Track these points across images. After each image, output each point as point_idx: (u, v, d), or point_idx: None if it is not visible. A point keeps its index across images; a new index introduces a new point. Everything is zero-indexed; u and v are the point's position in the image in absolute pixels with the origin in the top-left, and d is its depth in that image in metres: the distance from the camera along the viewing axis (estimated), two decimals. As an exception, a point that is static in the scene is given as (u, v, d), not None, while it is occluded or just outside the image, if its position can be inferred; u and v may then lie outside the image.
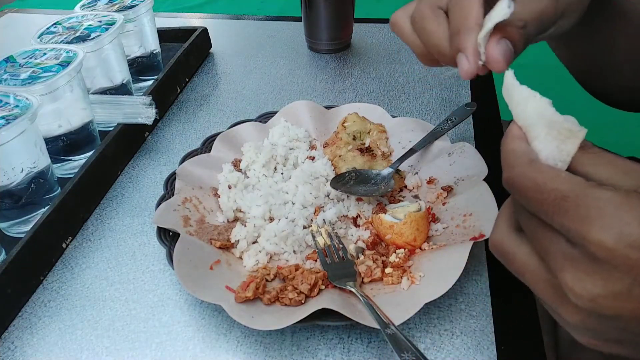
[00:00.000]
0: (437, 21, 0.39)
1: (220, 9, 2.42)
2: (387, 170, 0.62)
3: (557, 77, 0.67)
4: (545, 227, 0.28)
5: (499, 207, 0.52)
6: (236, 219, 0.59)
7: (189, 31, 0.94)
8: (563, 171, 0.28)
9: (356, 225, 0.58)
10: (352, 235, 0.56)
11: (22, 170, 0.56)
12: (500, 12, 0.33)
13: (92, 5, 0.81)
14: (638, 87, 0.57)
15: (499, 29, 0.35)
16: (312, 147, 0.69)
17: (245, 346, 0.47)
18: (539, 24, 0.38)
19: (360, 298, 0.47)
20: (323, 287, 0.49)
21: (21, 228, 0.58)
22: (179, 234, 0.53)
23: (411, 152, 0.64)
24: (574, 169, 0.29)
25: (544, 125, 0.29)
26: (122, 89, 0.77)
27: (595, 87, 0.63)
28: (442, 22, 0.39)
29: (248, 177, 0.64)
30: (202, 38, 0.95)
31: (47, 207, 0.57)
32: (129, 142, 0.72)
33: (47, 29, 0.73)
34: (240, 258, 0.54)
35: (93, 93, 0.75)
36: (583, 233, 0.26)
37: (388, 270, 0.51)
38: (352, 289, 0.48)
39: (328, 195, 0.61)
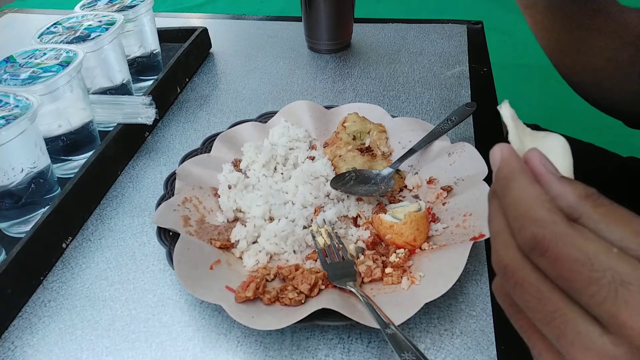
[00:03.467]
0: None
1: (220, 9, 2.42)
2: (387, 170, 0.62)
3: (557, 77, 0.67)
4: (570, 305, 0.25)
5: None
6: (236, 219, 0.59)
7: (189, 31, 0.94)
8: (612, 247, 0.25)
9: (356, 225, 0.58)
10: (352, 235, 0.56)
11: (22, 170, 0.56)
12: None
13: (92, 5, 0.81)
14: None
15: None
16: (312, 147, 0.69)
17: (245, 346, 0.47)
18: None
19: (360, 298, 0.47)
20: (323, 287, 0.49)
21: (21, 228, 0.58)
22: (179, 234, 0.53)
23: (411, 152, 0.63)
24: (583, 223, 0.26)
25: (510, 118, 0.32)
26: (122, 89, 0.77)
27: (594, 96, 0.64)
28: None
29: (248, 177, 0.64)
30: (202, 38, 0.95)
31: (47, 207, 0.57)
32: (129, 142, 0.72)
33: (47, 29, 0.73)
34: (240, 258, 0.54)
35: (93, 93, 0.74)
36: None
37: (388, 270, 0.51)
38: (352, 289, 0.48)
39: (328, 195, 0.61)
